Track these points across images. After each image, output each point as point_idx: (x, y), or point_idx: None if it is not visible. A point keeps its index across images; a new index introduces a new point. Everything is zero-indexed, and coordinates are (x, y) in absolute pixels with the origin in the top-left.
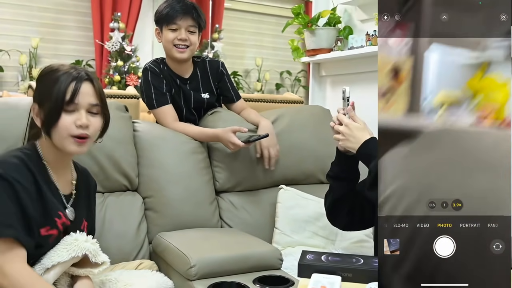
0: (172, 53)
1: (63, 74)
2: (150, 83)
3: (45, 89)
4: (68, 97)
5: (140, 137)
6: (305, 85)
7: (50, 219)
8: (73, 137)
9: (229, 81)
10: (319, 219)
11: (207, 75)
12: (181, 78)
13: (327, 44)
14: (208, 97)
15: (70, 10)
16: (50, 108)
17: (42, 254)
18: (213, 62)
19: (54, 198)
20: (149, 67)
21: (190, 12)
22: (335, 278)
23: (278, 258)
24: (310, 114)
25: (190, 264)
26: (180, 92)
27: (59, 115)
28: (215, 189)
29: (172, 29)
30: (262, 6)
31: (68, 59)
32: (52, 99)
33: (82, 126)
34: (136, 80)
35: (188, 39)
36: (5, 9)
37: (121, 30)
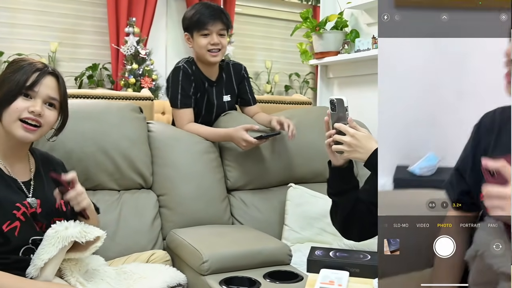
0: (206, 58)
1: (29, 64)
2: (179, 82)
3: (8, 74)
4: (28, 83)
5: (154, 137)
6: (313, 86)
7: (8, 214)
8: (22, 122)
9: (248, 85)
10: (327, 216)
11: (231, 78)
12: (209, 80)
13: (335, 47)
14: (229, 99)
15: (88, 15)
16: (8, 90)
17: (15, 249)
18: (236, 65)
19: (10, 191)
20: (182, 67)
21: (219, 17)
22: (343, 273)
23: (288, 254)
24: (318, 115)
25: (203, 260)
26: (205, 94)
27: (15, 98)
28: (227, 188)
29: (203, 34)
30: (271, 11)
31: (85, 62)
32: (13, 83)
33: (34, 112)
34: (150, 82)
35: (220, 42)
36: (26, 15)
37: (136, 34)
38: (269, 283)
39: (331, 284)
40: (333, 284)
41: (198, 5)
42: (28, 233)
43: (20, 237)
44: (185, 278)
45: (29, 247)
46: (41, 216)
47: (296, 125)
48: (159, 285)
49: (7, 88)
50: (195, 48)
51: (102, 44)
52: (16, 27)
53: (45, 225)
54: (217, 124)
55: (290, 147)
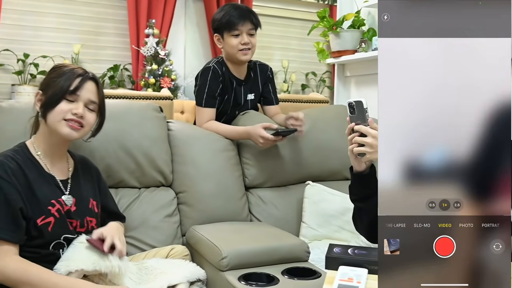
0: (237, 57)
1: (71, 70)
2: (208, 82)
3: (52, 79)
4: (72, 88)
5: (174, 136)
6: (330, 85)
7: (43, 209)
8: (66, 121)
9: (272, 86)
10: (345, 214)
11: (257, 78)
12: (238, 79)
13: (352, 45)
14: (253, 98)
15: (109, 18)
16: (53, 94)
17: (47, 243)
18: (262, 66)
19: (48, 187)
20: (212, 67)
21: (248, 17)
22: (361, 270)
23: (306, 251)
24: (335, 114)
25: (222, 256)
26: (232, 94)
27: (59, 101)
28: (245, 185)
29: (234, 35)
30: (288, 11)
31: (107, 63)
32: (57, 87)
33: (77, 114)
34: (170, 82)
35: (250, 42)
36: (49, 18)
37: (156, 36)
38: (287, 279)
39: (350, 281)
40: (352, 281)
41: (227, 7)
42: (61, 230)
43: (53, 232)
44: (205, 274)
45: (60, 242)
46: (75, 214)
47: (313, 124)
48: (180, 280)
49: (52, 92)
50: (226, 48)
51: (123, 46)
52: (41, 30)
53: (79, 223)
54: (235, 122)
55: (308, 145)
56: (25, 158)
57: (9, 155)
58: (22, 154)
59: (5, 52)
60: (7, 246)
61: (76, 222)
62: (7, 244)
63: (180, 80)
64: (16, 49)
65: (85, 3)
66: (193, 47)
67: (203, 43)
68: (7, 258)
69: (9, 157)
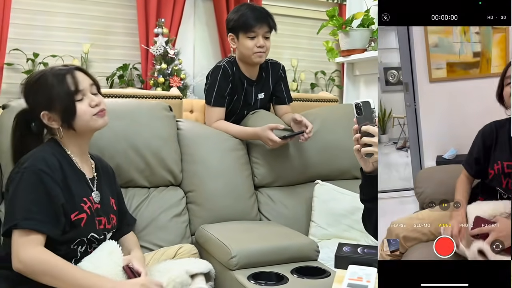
0: (251, 59)
1: (54, 75)
2: (217, 81)
3: (47, 95)
4: (73, 88)
5: (183, 135)
6: (339, 84)
7: (77, 205)
8: (95, 115)
9: (285, 84)
10: (354, 213)
11: (269, 77)
12: (249, 79)
13: (361, 44)
14: (262, 97)
15: (118, 17)
16: (64, 106)
17: (73, 239)
18: (274, 64)
19: (80, 184)
20: (223, 66)
21: (266, 19)
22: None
23: (315, 250)
24: (344, 113)
25: (231, 255)
26: (242, 93)
27: (74, 106)
28: (254, 184)
29: (250, 36)
30: (298, 10)
31: (116, 63)
32: (60, 98)
33: (98, 104)
34: (179, 81)
35: (265, 45)
36: (59, 18)
37: (165, 35)
38: (296, 278)
39: (359, 280)
40: (361, 280)
41: (244, 7)
42: (90, 227)
43: (84, 229)
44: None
45: (83, 240)
46: (101, 211)
47: (322, 123)
48: (198, 270)
49: (60, 106)
50: (240, 48)
51: (132, 45)
52: (51, 29)
53: (106, 220)
54: (245, 122)
55: (317, 144)
56: (61, 154)
57: (50, 151)
58: (58, 150)
59: (15, 52)
60: (35, 236)
61: (104, 219)
62: (36, 234)
63: (189, 79)
64: (26, 48)
65: (94, 3)
66: (202, 46)
67: (212, 42)
68: (32, 249)
69: (49, 152)
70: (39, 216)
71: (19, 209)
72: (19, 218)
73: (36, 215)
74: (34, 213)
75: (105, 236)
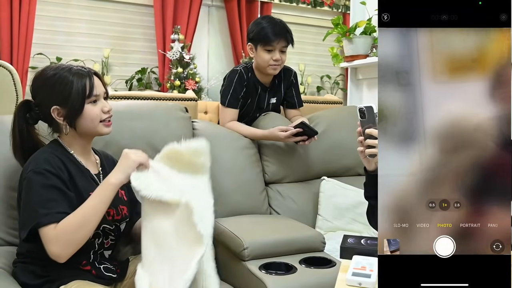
0: (266, 70)
1: (74, 74)
2: (233, 84)
3: (63, 91)
4: (88, 91)
5: (198, 134)
6: (343, 87)
7: (83, 199)
8: (102, 122)
9: (296, 90)
10: (358, 207)
11: (281, 83)
12: (263, 85)
13: (364, 50)
14: (274, 101)
15: (137, 24)
16: (73, 104)
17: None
18: (287, 71)
19: (86, 180)
20: (239, 71)
21: (284, 35)
22: (374, 259)
23: (321, 242)
24: (348, 114)
25: (244, 246)
26: (256, 98)
27: (82, 107)
28: (265, 181)
29: (267, 50)
30: (304, 18)
31: (135, 67)
32: (73, 97)
33: (109, 111)
34: (194, 84)
35: (281, 58)
36: (81, 24)
37: (181, 41)
38: (304, 268)
39: (363, 269)
40: (365, 269)
41: (265, 21)
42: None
43: None
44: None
45: (98, 232)
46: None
47: (328, 124)
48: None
49: (71, 103)
50: (257, 59)
51: (150, 50)
52: (73, 35)
53: (115, 212)
54: (256, 123)
55: (323, 143)
56: (63, 154)
57: (51, 152)
58: (60, 150)
59: (39, 56)
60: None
61: (112, 211)
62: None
63: (204, 82)
64: (49, 53)
65: (114, 10)
66: (215, 52)
67: (225, 47)
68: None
69: (51, 153)
70: (58, 209)
71: (36, 210)
72: (39, 217)
73: (55, 209)
74: (52, 208)
75: (118, 226)
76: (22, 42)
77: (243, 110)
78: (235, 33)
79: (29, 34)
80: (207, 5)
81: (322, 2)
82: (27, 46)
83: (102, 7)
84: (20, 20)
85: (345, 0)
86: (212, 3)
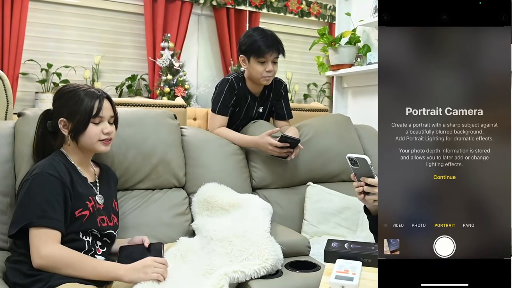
0: (259, 81)
1: (86, 94)
2: (223, 93)
3: (73, 106)
4: (94, 112)
5: (187, 141)
6: (329, 95)
7: (82, 202)
8: (100, 140)
9: (285, 102)
10: (342, 212)
11: (270, 93)
12: (253, 95)
13: (349, 60)
14: (261, 111)
15: (127, 31)
16: (79, 120)
17: (76, 231)
18: (278, 82)
19: (85, 186)
20: (230, 80)
21: (276, 47)
22: (356, 263)
23: (307, 246)
24: (333, 122)
25: None
26: (245, 106)
27: (87, 126)
28: (252, 186)
29: (260, 61)
30: (292, 27)
31: (125, 73)
32: (81, 113)
33: (109, 133)
34: (183, 91)
35: (273, 69)
36: (72, 31)
37: (171, 48)
38: (290, 271)
39: (346, 273)
40: (347, 272)
41: (257, 33)
42: (92, 224)
43: (86, 224)
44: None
45: (86, 232)
46: (103, 210)
47: (315, 131)
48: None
49: (77, 119)
50: (250, 70)
51: (140, 57)
52: (64, 42)
53: (107, 218)
54: (245, 130)
55: (310, 150)
56: (67, 162)
57: (57, 159)
58: (64, 159)
59: (29, 62)
60: (53, 233)
61: (106, 218)
62: (53, 232)
63: (193, 90)
64: (40, 59)
65: (105, 18)
66: (205, 59)
67: (214, 55)
68: (54, 245)
69: (57, 160)
70: (53, 215)
71: (32, 209)
72: (34, 217)
73: (50, 214)
74: (48, 212)
75: (111, 233)
76: (13, 48)
77: (232, 117)
78: (224, 41)
79: (20, 40)
80: (197, 14)
81: (309, 12)
82: (18, 52)
83: (93, 14)
84: (11, 27)
85: (331, 11)
86: (202, 12)
